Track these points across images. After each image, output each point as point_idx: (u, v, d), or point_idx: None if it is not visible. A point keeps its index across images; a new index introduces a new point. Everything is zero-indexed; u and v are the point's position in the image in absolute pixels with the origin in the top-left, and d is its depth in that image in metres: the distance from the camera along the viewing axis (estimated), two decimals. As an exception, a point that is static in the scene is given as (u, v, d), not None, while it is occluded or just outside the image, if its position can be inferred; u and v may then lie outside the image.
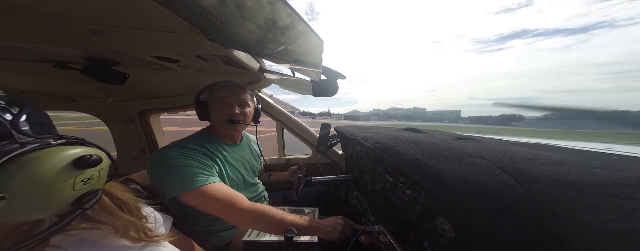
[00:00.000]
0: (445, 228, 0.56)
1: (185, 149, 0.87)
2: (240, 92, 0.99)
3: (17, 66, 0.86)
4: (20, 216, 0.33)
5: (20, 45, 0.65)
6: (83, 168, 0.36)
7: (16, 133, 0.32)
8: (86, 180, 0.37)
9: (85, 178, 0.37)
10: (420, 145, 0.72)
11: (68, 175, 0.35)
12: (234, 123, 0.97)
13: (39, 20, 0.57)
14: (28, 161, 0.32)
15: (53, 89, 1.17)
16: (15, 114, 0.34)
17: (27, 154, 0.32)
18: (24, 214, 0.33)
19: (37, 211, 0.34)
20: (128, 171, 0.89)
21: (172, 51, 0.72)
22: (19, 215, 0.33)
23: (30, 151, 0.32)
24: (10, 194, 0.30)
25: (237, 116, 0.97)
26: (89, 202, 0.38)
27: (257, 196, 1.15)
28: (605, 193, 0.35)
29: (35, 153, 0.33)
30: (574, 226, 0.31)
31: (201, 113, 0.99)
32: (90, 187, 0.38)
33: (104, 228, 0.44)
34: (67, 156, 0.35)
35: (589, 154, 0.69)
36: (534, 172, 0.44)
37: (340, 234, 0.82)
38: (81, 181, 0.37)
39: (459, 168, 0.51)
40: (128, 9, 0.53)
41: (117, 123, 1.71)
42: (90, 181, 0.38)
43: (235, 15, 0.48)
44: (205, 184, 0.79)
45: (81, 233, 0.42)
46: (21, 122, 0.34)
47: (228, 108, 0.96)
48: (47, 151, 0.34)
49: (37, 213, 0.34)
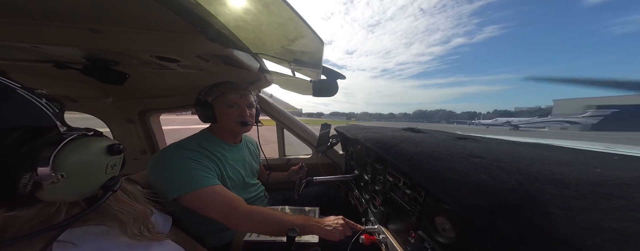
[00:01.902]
0: (445, 228, 0.56)
1: (186, 150, 0.87)
2: (248, 95, 1.03)
3: (17, 66, 0.86)
4: (68, 195, 0.39)
5: (20, 45, 0.65)
6: (113, 155, 0.43)
7: (60, 124, 0.39)
8: (113, 166, 0.44)
9: (112, 164, 0.43)
10: (420, 145, 0.72)
11: (104, 160, 0.42)
12: (246, 125, 1.01)
13: (39, 20, 0.57)
14: (78, 146, 0.38)
15: (53, 89, 1.17)
16: (58, 110, 0.39)
17: (75, 141, 0.38)
18: (71, 193, 0.39)
19: (81, 191, 0.40)
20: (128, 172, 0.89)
21: (172, 51, 0.72)
22: (68, 194, 0.39)
23: (76, 138, 0.38)
24: (67, 173, 0.36)
25: (249, 118, 1.01)
26: (115, 185, 0.44)
27: (256, 196, 1.15)
28: (605, 193, 0.35)
29: (80, 140, 0.39)
30: (574, 226, 0.31)
31: (206, 115, 0.97)
32: (114, 173, 0.45)
33: (110, 224, 0.47)
34: (102, 143, 0.41)
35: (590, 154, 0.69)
36: (534, 172, 0.44)
37: (340, 234, 0.82)
38: (110, 166, 0.43)
39: (459, 167, 0.51)
40: (128, 9, 0.53)
41: (117, 123, 1.71)
42: (115, 168, 0.45)
43: (235, 15, 0.48)
44: (204, 187, 0.79)
45: (89, 229, 0.45)
46: (62, 116, 0.40)
47: (239, 110, 0.99)
48: (87, 139, 0.40)
49: (82, 192, 0.40)
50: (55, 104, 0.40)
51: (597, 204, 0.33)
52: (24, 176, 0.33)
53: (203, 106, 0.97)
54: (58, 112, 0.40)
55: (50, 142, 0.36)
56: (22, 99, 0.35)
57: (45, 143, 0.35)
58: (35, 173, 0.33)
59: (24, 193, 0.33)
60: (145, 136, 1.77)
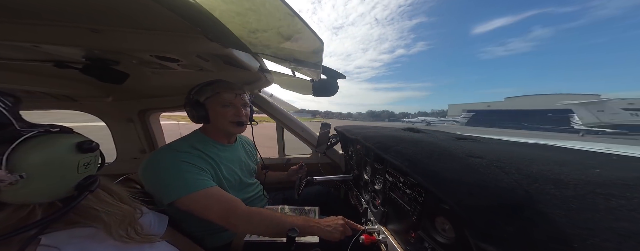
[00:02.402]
0: (445, 228, 0.56)
1: (178, 152, 0.85)
2: (242, 94, 1.01)
3: (17, 65, 0.85)
4: (34, 197, 0.36)
5: (20, 44, 0.64)
6: (85, 152, 0.40)
7: (15, 121, 0.35)
8: (86, 164, 0.41)
9: (85, 162, 0.41)
10: (420, 145, 0.72)
11: (74, 158, 0.38)
12: (242, 125, 1.00)
13: (40, 20, 0.57)
14: (39, 144, 0.35)
15: (53, 89, 1.17)
16: (11, 105, 0.36)
17: (36, 138, 0.35)
18: (37, 194, 0.36)
19: (49, 192, 0.37)
20: (128, 171, 0.89)
21: (172, 50, 0.72)
22: (33, 196, 0.36)
23: (36, 135, 0.36)
24: (28, 173, 0.33)
25: (244, 118, 1.00)
26: (92, 185, 0.41)
27: (255, 196, 1.14)
28: (604, 193, 0.36)
29: (41, 137, 0.36)
30: (573, 226, 0.31)
31: (199, 115, 0.94)
32: (89, 172, 0.42)
33: (95, 226, 0.45)
34: (70, 140, 0.39)
35: (589, 155, 0.69)
36: (533, 172, 0.44)
37: (340, 234, 0.82)
38: (83, 165, 0.40)
39: (459, 167, 0.51)
40: (128, 9, 0.53)
41: (116, 123, 1.71)
42: (89, 166, 0.42)
43: (235, 15, 0.48)
44: (199, 190, 0.78)
45: (74, 232, 0.42)
46: (18, 112, 0.37)
47: (235, 110, 0.98)
48: (50, 136, 0.37)
49: (49, 193, 0.37)
50: (9, 98, 0.36)
51: (596, 204, 0.33)
52: None
53: (195, 106, 0.93)
54: (11, 107, 0.36)
55: (2, 140, 0.33)
56: None
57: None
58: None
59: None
60: (145, 136, 1.78)
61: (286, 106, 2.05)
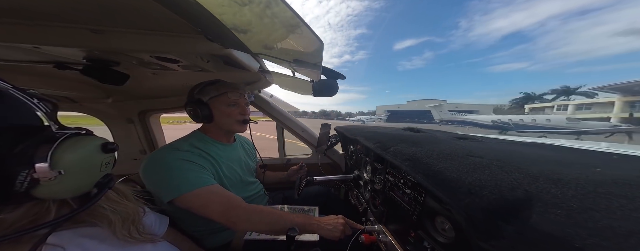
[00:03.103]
0: (445, 228, 0.56)
1: (179, 151, 0.86)
2: (245, 94, 1.05)
3: (18, 67, 0.86)
4: (64, 192, 0.39)
5: (21, 46, 0.65)
6: (108, 152, 0.43)
7: (54, 123, 0.40)
8: (107, 163, 0.44)
9: (106, 162, 0.44)
10: (420, 145, 0.72)
11: (99, 157, 0.42)
12: (247, 123, 1.05)
13: (40, 21, 0.57)
14: (73, 144, 0.39)
15: (53, 90, 1.17)
16: (50, 110, 0.41)
17: (70, 139, 0.39)
18: (67, 190, 0.39)
19: (77, 188, 0.40)
20: (128, 172, 0.89)
21: (172, 51, 0.72)
22: (64, 191, 0.39)
23: (70, 136, 0.39)
24: (65, 170, 0.37)
25: (248, 116, 1.05)
26: (110, 183, 0.45)
27: (256, 195, 1.15)
28: (605, 192, 0.35)
29: (74, 138, 0.39)
30: (573, 226, 0.31)
31: (203, 114, 0.94)
32: (107, 170, 0.45)
33: (100, 224, 0.47)
34: (96, 142, 0.42)
35: (590, 154, 0.69)
36: (534, 171, 0.44)
37: (340, 233, 0.82)
38: (104, 164, 0.43)
39: (459, 167, 0.51)
40: (128, 9, 0.53)
41: (117, 123, 1.71)
42: (109, 166, 0.45)
43: (235, 15, 0.48)
44: (200, 187, 0.78)
45: (79, 231, 0.44)
46: (55, 116, 0.41)
47: (240, 109, 1.01)
48: (81, 137, 0.41)
49: (77, 189, 0.40)
50: (47, 104, 0.41)
51: (597, 203, 0.33)
52: (20, 173, 0.33)
53: (199, 106, 0.93)
54: (50, 112, 0.41)
55: (45, 140, 0.36)
56: (14, 100, 0.36)
57: (40, 141, 0.36)
58: (33, 171, 0.34)
59: (20, 191, 0.34)
60: (145, 136, 1.78)
61: (288, 106, 2.06)
